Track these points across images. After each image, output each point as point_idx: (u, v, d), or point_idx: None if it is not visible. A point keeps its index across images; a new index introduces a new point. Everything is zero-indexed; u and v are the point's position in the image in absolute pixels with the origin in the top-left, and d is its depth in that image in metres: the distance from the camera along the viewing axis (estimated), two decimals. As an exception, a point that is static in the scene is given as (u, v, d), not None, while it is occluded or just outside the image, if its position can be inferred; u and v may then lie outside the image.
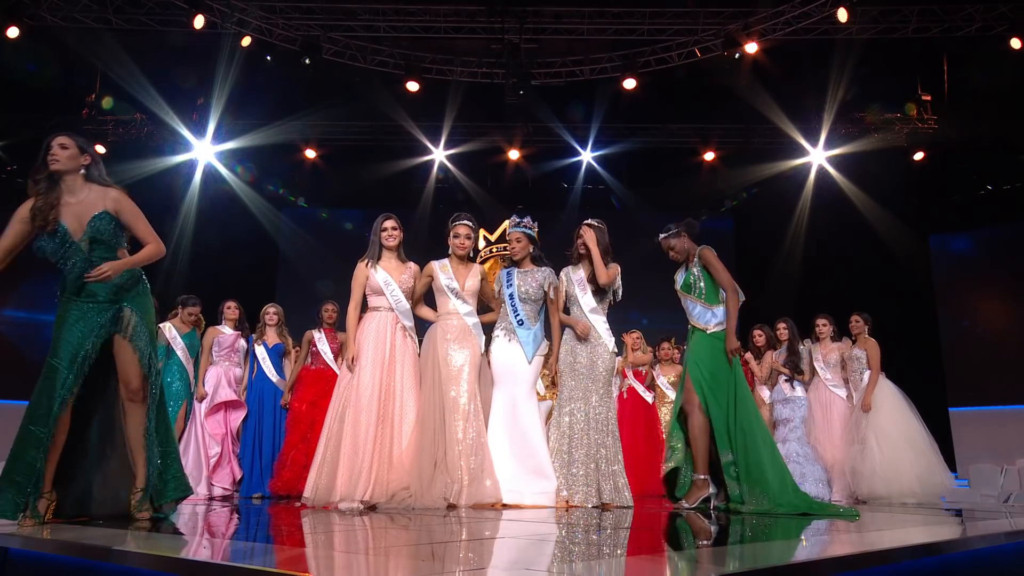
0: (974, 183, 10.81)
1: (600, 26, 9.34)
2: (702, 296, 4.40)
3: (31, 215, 3.18)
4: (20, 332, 10.04)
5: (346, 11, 9.21)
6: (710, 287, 4.39)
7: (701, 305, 4.39)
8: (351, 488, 4.06)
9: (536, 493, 4.20)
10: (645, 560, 2.18)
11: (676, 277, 4.61)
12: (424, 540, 2.52)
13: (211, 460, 6.05)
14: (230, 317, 6.46)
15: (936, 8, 8.90)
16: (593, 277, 4.54)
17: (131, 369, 3.22)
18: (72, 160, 3.23)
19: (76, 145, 3.25)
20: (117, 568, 2.06)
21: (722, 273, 4.36)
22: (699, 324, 4.38)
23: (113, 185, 3.33)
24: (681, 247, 4.47)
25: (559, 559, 2.14)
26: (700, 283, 4.41)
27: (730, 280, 4.36)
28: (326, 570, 1.87)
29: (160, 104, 9.62)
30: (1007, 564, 2.61)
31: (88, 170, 3.28)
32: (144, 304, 3.32)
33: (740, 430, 4.13)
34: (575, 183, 11.47)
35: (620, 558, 2.18)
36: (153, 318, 3.40)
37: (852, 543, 2.63)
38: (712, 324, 4.34)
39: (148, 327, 3.31)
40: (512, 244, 4.73)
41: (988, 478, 8.22)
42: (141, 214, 3.31)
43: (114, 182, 3.38)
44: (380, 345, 4.38)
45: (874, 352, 6.38)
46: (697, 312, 4.40)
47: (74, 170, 3.24)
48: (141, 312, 3.28)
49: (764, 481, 3.99)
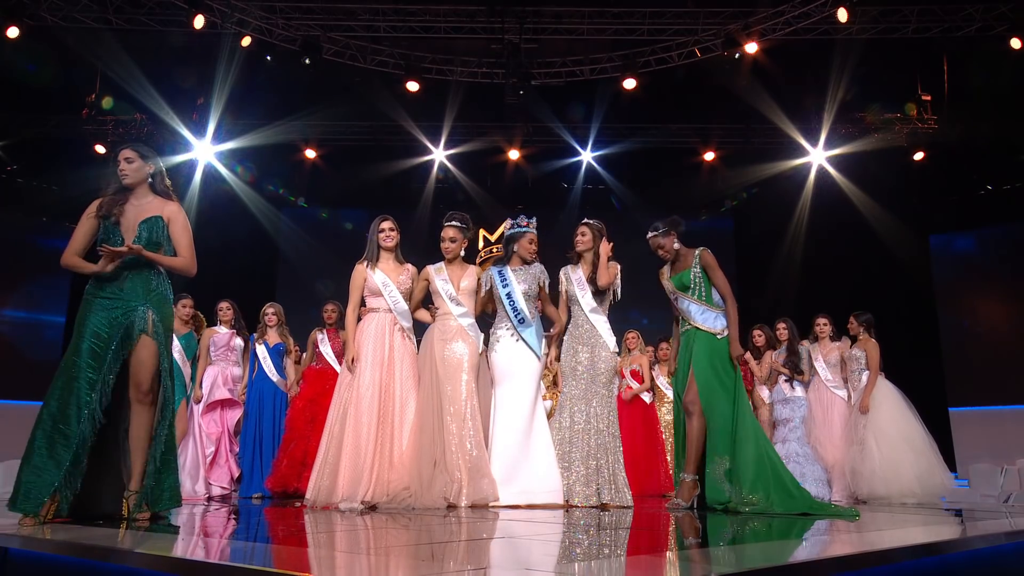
0: (974, 183, 10.80)
1: (600, 26, 9.36)
2: (702, 297, 4.41)
3: (97, 209, 3.41)
4: (20, 332, 10.05)
5: (346, 11, 9.23)
6: (708, 289, 4.42)
7: (704, 306, 4.40)
8: (353, 489, 4.09)
9: (545, 492, 4.22)
10: (645, 560, 2.19)
11: (664, 272, 4.61)
12: (424, 540, 2.53)
13: (207, 459, 6.08)
14: (224, 318, 6.51)
15: (936, 8, 8.90)
16: (592, 277, 4.56)
17: (145, 370, 3.28)
18: (138, 172, 3.46)
19: (139, 156, 3.48)
20: (117, 568, 2.06)
21: (722, 279, 4.41)
22: (704, 326, 4.37)
23: (174, 198, 3.56)
24: (670, 245, 4.49)
25: (560, 559, 2.14)
26: (699, 286, 4.42)
27: (729, 286, 4.41)
28: (327, 570, 1.88)
29: (160, 104, 9.61)
30: (1007, 564, 2.61)
31: (153, 179, 3.51)
32: (164, 310, 3.43)
33: (741, 434, 4.13)
34: (575, 183, 11.49)
35: (620, 558, 2.18)
36: (171, 325, 3.51)
37: (852, 543, 2.63)
38: (719, 328, 4.35)
39: (166, 331, 3.41)
40: (527, 245, 4.64)
41: (988, 478, 8.26)
42: (190, 232, 3.51)
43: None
44: (379, 346, 4.41)
45: (873, 352, 6.39)
46: (699, 313, 4.40)
47: (142, 181, 3.48)
48: (161, 315, 3.37)
49: (763, 483, 4.00)
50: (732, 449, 4.13)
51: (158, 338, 3.33)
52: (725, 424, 4.17)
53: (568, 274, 4.66)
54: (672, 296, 4.56)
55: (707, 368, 4.28)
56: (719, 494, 4.09)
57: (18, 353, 9.75)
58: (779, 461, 4.22)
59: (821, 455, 6.44)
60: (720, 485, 4.10)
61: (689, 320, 4.44)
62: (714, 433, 4.20)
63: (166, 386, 3.34)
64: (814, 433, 6.54)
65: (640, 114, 10.70)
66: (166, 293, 3.46)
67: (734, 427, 4.17)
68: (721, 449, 4.14)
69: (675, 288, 4.52)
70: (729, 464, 4.10)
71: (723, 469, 4.11)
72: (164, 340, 3.37)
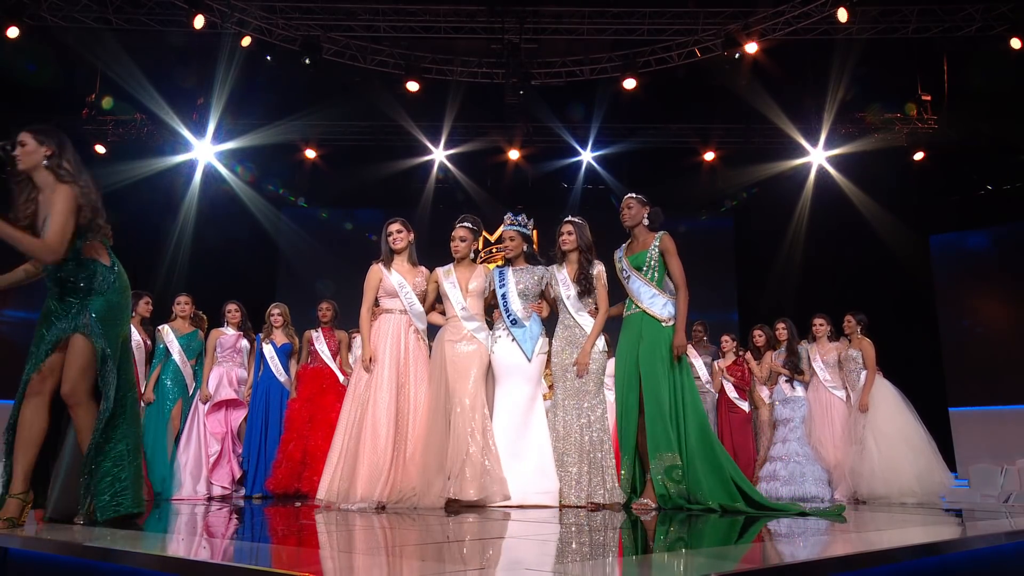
0: (974, 183, 10.83)
1: (600, 26, 9.38)
2: (654, 280, 4.35)
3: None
4: (21, 332, 9.93)
5: (346, 11, 9.26)
6: (661, 274, 4.36)
7: (654, 290, 4.33)
8: (371, 489, 4.11)
9: (539, 493, 4.22)
10: (639, 560, 2.19)
11: (618, 254, 4.55)
12: (430, 540, 2.54)
13: (211, 458, 6.10)
14: (232, 320, 6.54)
15: (936, 8, 8.93)
16: (577, 277, 4.52)
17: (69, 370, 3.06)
18: (31, 156, 3.08)
19: (33, 138, 3.08)
20: (117, 568, 2.06)
21: (678, 267, 4.32)
22: (651, 311, 4.30)
23: (69, 180, 3.09)
24: (640, 214, 4.44)
25: (555, 559, 2.15)
26: (653, 268, 4.36)
27: (684, 276, 4.30)
28: (331, 571, 1.89)
29: (160, 104, 9.64)
30: (1007, 564, 2.61)
31: (49, 161, 3.09)
32: (99, 304, 3.13)
33: (687, 429, 4.08)
34: (575, 183, 11.52)
35: (616, 558, 2.19)
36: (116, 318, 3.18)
37: (852, 543, 2.65)
38: (665, 315, 4.28)
39: (107, 327, 3.11)
40: (506, 243, 4.72)
41: (988, 478, 8.26)
42: (63, 216, 3.01)
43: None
44: (395, 347, 4.44)
45: (869, 352, 6.42)
46: (648, 296, 4.34)
47: (36, 165, 3.09)
48: (96, 310, 3.11)
49: (709, 480, 3.97)
50: (678, 445, 4.07)
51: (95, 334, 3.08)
52: (666, 420, 4.10)
53: (554, 273, 4.61)
54: (624, 276, 4.48)
55: (653, 357, 4.21)
56: (663, 490, 4.03)
57: (18, 352, 9.66)
58: (726, 457, 4.13)
59: (822, 455, 6.45)
60: (664, 482, 4.03)
61: (637, 301, 4.37)
62: (656, 427, 4.11)
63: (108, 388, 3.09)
64: (815, 433, 6.54)
65: (640, 114, 10.72)
66: (102, 286, 3.17)
67: (678, 421, 4.11)
68: (664, 446, 4.07)
69: (629, 266, 4.45)
70: (674, 460, 4.04)
71: (667, 465, 4.04)
72: (103, 337, 3.09)
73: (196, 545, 2.54)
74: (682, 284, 4.29)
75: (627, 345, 4.37)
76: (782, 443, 6.48)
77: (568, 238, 4.57)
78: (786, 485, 6.26)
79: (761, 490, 5.55)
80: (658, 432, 4.09)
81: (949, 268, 11.20)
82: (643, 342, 4.28)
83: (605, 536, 2.78)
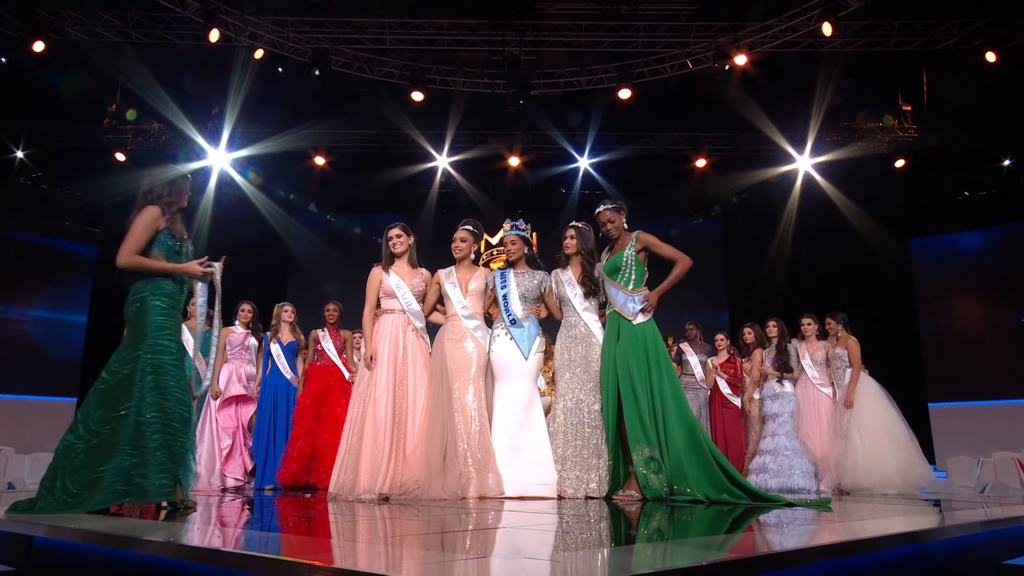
0: (952, 189, 10.99)
1: (596, 39, 9.54)
2: (628, 283, 4.40)
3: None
4: (45, 331, 10.17)
5: (354, 25, 9.42)
6: (639, 274, 4.42)
7: (624, 293, 4.39)
8: (372, 482, 4.19)
9: (538, 485, 4.26)
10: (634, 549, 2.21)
11: (601, 257, 4.61)
12: (433, 529, 2.59)
13: (223, 452, 6.27)
14: (244, 319, 6.69)
15: (916, 23, 9.12)
16: (582, 278, 4.59)
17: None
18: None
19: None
20: (137, 556, 2.10)
21: (669, 248, 4.40)
22: (624, 313, 4.36)
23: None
24: (620, 221, 4.51)
25: (556, 548, 2.20)
26: (630, 269, 4.41)
27: (678, 250, 4.38)
28: (340, 558, 1.92)
29: (177, 113, 9.81)
30: (983, 551, 2.65)
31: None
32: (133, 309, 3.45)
33: (670, 422, 4.09)
34: (572, 189, 11.68)
35: (609, 547, 2.24)
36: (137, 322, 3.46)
37: (836, 532, 2.68)
38: (637, 314, 4.34)
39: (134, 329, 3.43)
40: (507, 247, 4.80)
41: (965, 470, 8.36)
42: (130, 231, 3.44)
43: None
44: (394, 345, 4.52)
45: (854, 350, 6.51)
46: (620, 299, 4.40)
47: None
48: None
49: (694, 470, 3.96)
50: (657, 437, 4.08)
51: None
52: (642, 413, 4.11)
53: (558, 275, 4.68)
54: (600, 280, 4.57)
55: (629, 355, 4.26)
56: (645, 481, 4.02)
57: (43, 351, 9.91)
58: (713, 449, 4.10)
59: (810, 449, 6.51)
60: (645, 474, 4.01)
61: (612, 304, 4.46)
62: (633, 421, 4.13)
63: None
64: (802, 428, 6.62)
65: (634, 123, 10.88)
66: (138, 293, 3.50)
67: (657, 414, 4.12)
68: (641, 438, 4.08)
69: (604, 272, 4.52)
70: (653, 452, 4.05)
71: (645, 457, 4.04)
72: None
73: (211, 534, 2.58)
74: (679, 256, 4.36)
75: (607, 343, 4.44)
76: (771, 437, 6.52)
77: (570, 242, 4.67)
78: (775, 477, 6.30)
79: (751, 482, 5.45)
80: (635, 426, 4.12)
81: (929, 270, 11.28)
82: (619, 340, 4.35)
83: (600, 526, 2.80)
